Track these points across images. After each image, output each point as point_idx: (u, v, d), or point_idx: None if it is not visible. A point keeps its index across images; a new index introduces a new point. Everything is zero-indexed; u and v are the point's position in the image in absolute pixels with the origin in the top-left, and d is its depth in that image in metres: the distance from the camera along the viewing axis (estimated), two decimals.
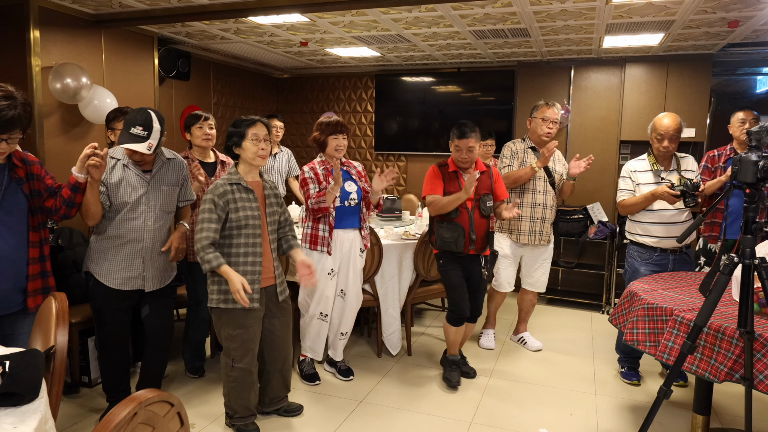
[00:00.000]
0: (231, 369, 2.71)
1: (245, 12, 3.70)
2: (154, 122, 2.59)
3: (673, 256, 3.31)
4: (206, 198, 2.62)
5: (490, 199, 3.35)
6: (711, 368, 2.14)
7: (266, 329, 2.83)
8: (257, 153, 2.67)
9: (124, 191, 2.67)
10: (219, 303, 2.65)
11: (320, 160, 3.33)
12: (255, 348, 2.76)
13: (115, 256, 2.70)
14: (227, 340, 2.70)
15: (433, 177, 3.37)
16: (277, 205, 2.85)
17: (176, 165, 2.88)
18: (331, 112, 6.60)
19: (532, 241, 3.86)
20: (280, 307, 2.86)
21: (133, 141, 2.55)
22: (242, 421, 2.80)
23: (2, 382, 1.38)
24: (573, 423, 3.01)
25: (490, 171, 3.41)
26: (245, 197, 2.68)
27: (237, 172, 2.72)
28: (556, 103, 3.85)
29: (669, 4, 3.51)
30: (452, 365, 3.49)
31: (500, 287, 4.03)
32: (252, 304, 2.65)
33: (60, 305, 1.84)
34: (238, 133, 2.68)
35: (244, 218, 2.64)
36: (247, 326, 2.68)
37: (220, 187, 2.63)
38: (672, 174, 3.31)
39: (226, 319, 2.67)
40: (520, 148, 3.86)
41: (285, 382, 3.00)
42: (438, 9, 3.73)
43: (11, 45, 3.62)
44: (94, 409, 3.10)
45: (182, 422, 1.37)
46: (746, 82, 5.53)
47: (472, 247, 3.30)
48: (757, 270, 2.03)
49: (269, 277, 2.77)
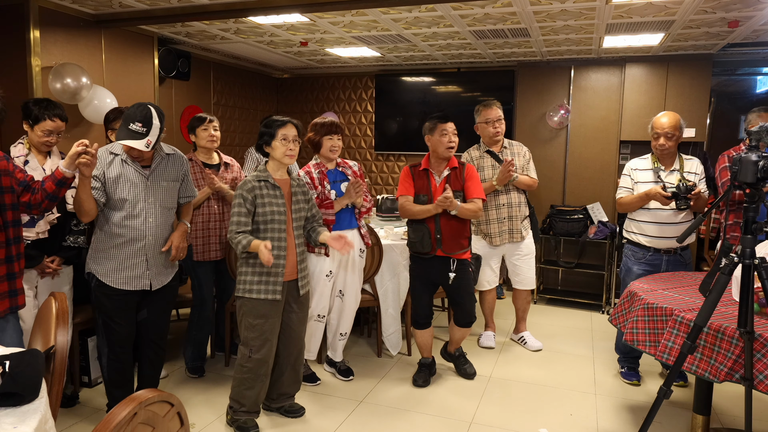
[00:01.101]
0: (247, 360, 2.78)
1: (245, 12, 3.69)
2: (153, 119, 2.55)
3: (666, 257, 3.31)
4: (236, 193, 2.74)
5: (458, 196, 3.28)
6: (711, 368, 2.14)
7: (284, 323, 2.89)
8: (285, 153, 2.78)
9: (123, 187, 2.63)
10: (245, 293, 2.75)
11: (315, 163, 3.35)
12: (273, 340, 2.83)
13: (117, 255, 2.66)
14: (247, 330, 2.77)
15: (404, 179, 3.38)
16: (304, 202, 2.95)
17: (176, 160, 2.85)
18: (331, 112, 6.60)
19: (504, 240, 3.93)
20: (300, 302, 2.93)
21: (132, 138, 2.51)
22: (246, 415, 2.83)
23: (2, 382, 1.38)
24: (573, 423, 3.01)
25: (463, 169, 3.37)
26: (272, 193, 2.77)
27: (266, 169, 2.83)
28: (493, 100, 3.93)
29: (669, 4, 3.51)
30: (422, 368, 3.53)
31: (479, 286, 4.07)
32: (275, 296, 2.75)
33: (60, 305, 1.83)
34: (269, 133, 2.79)
35: (270, 213, 2.74)
36: (268, 317, 2.77)
37: (249, 183, 2.75)
38: (672, 174, 3.30)
39: (249, 307, 2.76)
40: (476, 155, 3.94)
41: (296, 377, 3.04)
42: (438, 9, 3.73)
43: (11, 45, 3.62)
44: (94, 409, 3.10)
45: (182, 422, 1.37)
46: (746, 82, 5.54)
47: (439, 247, 3.25)
48: (757, 270, 2.03)
49: (292, 272, 2.85)
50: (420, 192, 3.32)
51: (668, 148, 3.27)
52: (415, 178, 3.36)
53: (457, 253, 3.29)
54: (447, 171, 3.31)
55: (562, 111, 5.41)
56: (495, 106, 3.88)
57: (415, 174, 3.37)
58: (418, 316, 3.45)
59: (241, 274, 2.79)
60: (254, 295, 2.74)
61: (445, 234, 3.25)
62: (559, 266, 5.36)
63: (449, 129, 3.28)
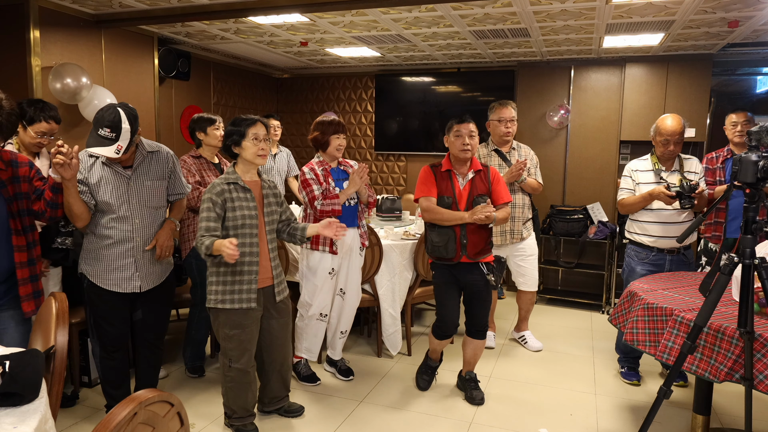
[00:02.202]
0: (228, 369, 2.72)
1: (245, 12, 3.69)
2: (122, 122, 2.42)
3: (670, 256, 3.32)
4: (204, 198, 2.61)
5: (484, 200, 3.09)
6: (711, 368, 2.14)
7: (264, 330, 2.83)
8: (257, 153, 2.67)
9: (105, 190, 2.57)
10: (217, 303, 2.65)
11: (318, 161, 3.33)
12: (252, 348, 2.76)
13: (106, 256, 2.62)
14: (224, 340, 2.70)
15: (425, 179, 3.18)
16: (276, 205, 2.84)
17: (160, 157, 2.75)
18: (331, 111, 6.60)
19: (505, 241, 3.91)
20: (278, 308, 2.85)
21: (101, 144, 2.41)
22: (240, 422, 2.80)
23: (2, 382, 1.38)
24: (573, 423, 3.01)
25: (488, 171, 3.22)
26: (242, 197, 2.67)
27: (234, 171, 2.71)
28: (509, 101, 3.91)
29: (669, 4, 3.51)
30: (428, 369, 3.44)
31: None
32: (249, 304, 2.66)
33: (60, 305, 1.83)
34: (238, 132, 2.65)
35: (241, 217, 2.63)
36: (245, 326, 2.68)
37: (218, 186, 2.63)
38: (673, 175, 3.31)
39: (224, 318, 2.67)
40: (483, 153, 3.92)
41: (284, 382, 3.00)
42: (438, 9, 3.73)
43: (11, 45, 3.62)
44: (94, 409, 3.10)
45: (182, 422, 1.37)
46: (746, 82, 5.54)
47: (464, 253, 3.07)
48: (757, 270, 2.03)
49: (267, 278, 2.76)
50: (443, 194, 3.12)
51: (676, 152, 3.30)
52: (438, 179, 3.15)
53: (482, 257, 3.13)
54: (471, 174, 3.14)
55: (562, 111, 5.40)
56: (510, 107, 3.86)
57: (437, 174, 3.16)
58: (446, 326, 3.17)
59: (210, 284, 2.66)
60: (227, 305, 2.62)
61: (470, 239, 3.07)
62: (559, 266, 5.36)
63: (463, 131, 3.06)
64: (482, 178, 3.17)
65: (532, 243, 4.02)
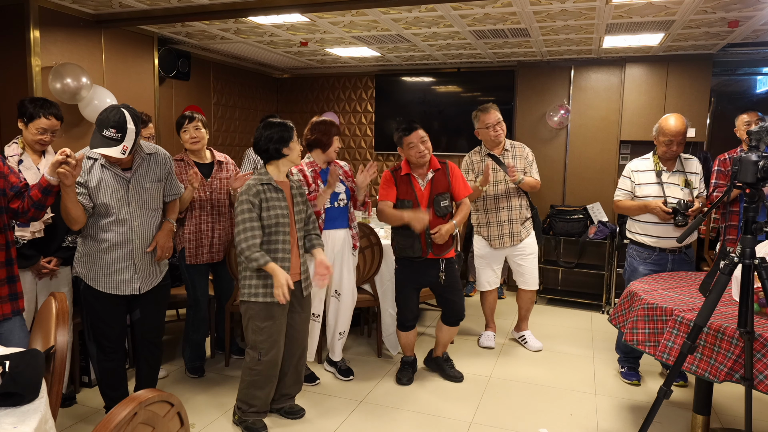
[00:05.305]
0: (257, 363, 2.77)
1: (245, 12, 3.69)
2: (128, 123, 2.42)
3: (672, 256, 3.32)
4: (242, 199, 2.68)
5: (445, 198, 3.28)
6: (711, 368, 2.14)
7: (287, 324, 2.89)
8: (299, 153, 2.83)
9: (104, 193, 2.55)
10: (250, 297, 2.73)
11: (308, 162, 3.35)
12: (281, 341, 2.83)
13: (104, 259, 2.61)
14: (255, 333, 2.76)
15: (385, 183, 3.33)
16: (302, 204, 2.93)
17: (158, 159, 2.76)
18: (331, 112, 6.60)
19: (504, 244, 3.92)
20: (303, 303, 2.93)
21: (106, 145, 2.39)
22: (255, 416, 2.84)
23: (2, 382, 1.38)
24: (573, 423, 3.01)
25: (447, 168, 3.35)
26: (275, 197, 2.75)
27: (267, 172, 2.78)
28: (489, 104, 3.90)
29: (669, 4, 3.51)
30: (404, 366, 3.55)
31: (480, 286, 4.11)
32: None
33: (60, 305, 1.83)
34: (290, 135, 2.77)
35: (275, 216, 2.72)
36: (275, 318, 2.76)
37: (254, 188, 2.70)
38: (675, 175, 3.31)
39: (256, 310, 2.74)
40: (477, 159, 3.93)
41: (298, 377, 3.04)
42: (438, 9, 3.73)
43: (11, 45, 3.62)
44: (94, 409, 3.10)
45: (182, 422, 1.37)
46: (746, 82, 5.54)
47: (431, 250, 3.25)
48: (757, 270, 2.03)
49: (295, 273, 2.84)
50: (404, 197, 3.27)
51: (677, 152, 3.30)
52: (397, 183, 3.31)
53: (445, 253, 3.31)
54: (431, 174, 3.30)
55: (562, 111, 5.40)
56: (492, 110, 3.84)
57: (397, 178, 3.32)
58: (406, 319, 3.43)
59: (244, 279, 2.76)
60: (260, 299, 2.72)
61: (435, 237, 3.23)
62: (559, 266, 5.36)
63: (415, 140, 3.22)
64: (442, 176, 3.32)
65: (531, 242, 4.02)
